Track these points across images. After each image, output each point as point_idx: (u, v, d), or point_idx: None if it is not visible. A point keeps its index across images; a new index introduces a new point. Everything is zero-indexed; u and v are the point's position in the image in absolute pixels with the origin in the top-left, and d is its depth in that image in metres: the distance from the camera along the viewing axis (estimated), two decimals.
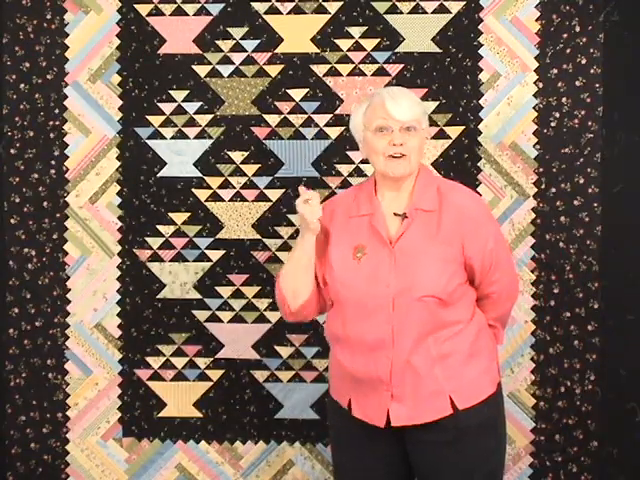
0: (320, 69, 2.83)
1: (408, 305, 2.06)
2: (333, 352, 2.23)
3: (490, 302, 2.22)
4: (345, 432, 2.25)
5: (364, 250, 2.13)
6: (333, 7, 2.81)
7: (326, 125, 2.84)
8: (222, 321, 2.90)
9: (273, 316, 2.88)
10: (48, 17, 2.87)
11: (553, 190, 2.78)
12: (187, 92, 2.86)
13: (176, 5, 2.86)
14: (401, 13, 2.79)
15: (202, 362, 2.91)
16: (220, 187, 2.88)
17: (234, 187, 2.87)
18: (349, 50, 2.82)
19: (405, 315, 2.07)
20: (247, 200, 2.87)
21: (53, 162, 2.90)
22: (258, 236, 2.88)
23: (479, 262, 2.11)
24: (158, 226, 2.90)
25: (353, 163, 2.83)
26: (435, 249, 2.08)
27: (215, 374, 2.91)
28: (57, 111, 2.89)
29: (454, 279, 2.09)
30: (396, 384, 2.09)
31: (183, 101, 2.87)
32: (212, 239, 2.89)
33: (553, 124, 2.77)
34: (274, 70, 2.84)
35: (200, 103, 2.86)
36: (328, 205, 2.27)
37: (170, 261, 2.90)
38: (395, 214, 2.13)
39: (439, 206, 2.11)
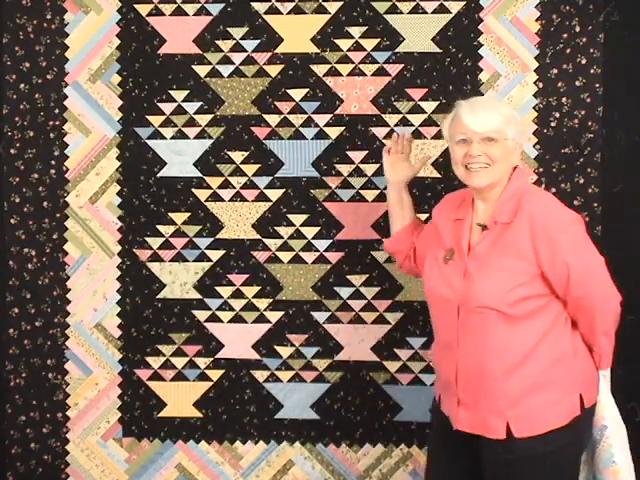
0: (320, 69, 2.83)
1: (468, 315, 2.10)
2: None
3: (582, 320, 2.15)
4: (435, 425, 2.34)
5: (453, 255, 2.19)
6: (333, 7, 2.81)
7: (326, 125, 2.84)
8: (222, 321, 2.90)
9: (273, 316, 2.88)
10: (48, 17, 2.87)
11: (553, 190, 2.77)
12: (187, 92, 2.86)
13: (176, 5, 2.86)
14: (401, 13, 2.79)
15: (202, 362, 2.91)
16: (220, 187, 2.88)
17: (234, 187, 2.87)
18: (349, 50, 2.82)
19: (466, 324, 2.11)
20: (247, 200, 2.87)
21: (53, 162, 2.90)
22: (258, 236, 2.88)
23: (551, 274, 2.06)
24: (158, 226, 2.90)
25: (353, 163, 2.83)
26: (504, 260, 2.07)
27: (215, 374, 2.91)
28: (57, 111, 2.89)
29: (519, 291, 2.05)
30: (461, 390, 2.14)
31: (183, 101, 2.87)
32: (212, 239, 2.89)
33: (553, 124, 2.77)
34: (274, 70, 2.84)
35: (200, 103, 2.86)
36: (443, 201, 2.41)
37: (170, 261, 2.90)
38: (478, 224, 2.18)
39: (515, 217, 2.10)
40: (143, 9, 2.86)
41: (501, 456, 2.08)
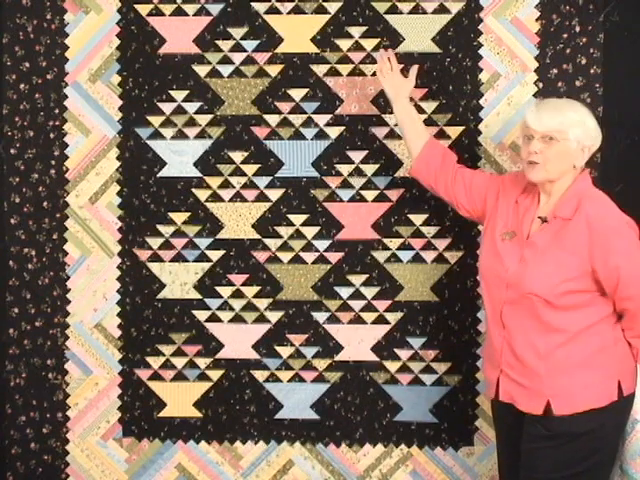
0: (320, 69, 2.83)
1: (515, 297, 2.24)
2: None
3: (627, 318, 2.25)
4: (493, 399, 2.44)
5: (512, 235, 2.31)
6: (333, 7, 2.81)
7: (326, 125, 2.84)
8: (222, 321, 2.90)
9: (273, 316, 2.88)
10: (48, 17, 2.87)
11: None
12: (187, 92, 2.86)
13: (176, 5, 2.86)
14: (401, 13, 2.79)
15: (202, 362, 2.91)
16: (220, 187, 2.88)
17: (234, 187, 2.87)
18: (349, 50, 2.82)
19: (512, 305, 2.24)
20: (247, 200, 2.87)
21: (53, 162, 2.90)
22: (258, 236, 2.88)
23: (602, 275, 2.18)
24: (158, 226, 2.90)
25: (353, 163, 2.83)
26: (557, 254, 2.20)
27: (215, 374, 2.91)
28: (57, 111, 2.89)
29: (568, 284, 2.17)
30: (505, 363, 2.26)
31: (183, 101, 2.87)
32: (212, 239, 2.89)
33: None
34: (274, 70, 2.84)
35: (200, 103, 2.86)
36: (509, 177, 2.48)
37: (170, 261, 2.90)
38: (539, 217, 2.28)
39: (573, 215, 2.21)
40: (143, 9, 2.86)
41: (540, 432, 2.20)
